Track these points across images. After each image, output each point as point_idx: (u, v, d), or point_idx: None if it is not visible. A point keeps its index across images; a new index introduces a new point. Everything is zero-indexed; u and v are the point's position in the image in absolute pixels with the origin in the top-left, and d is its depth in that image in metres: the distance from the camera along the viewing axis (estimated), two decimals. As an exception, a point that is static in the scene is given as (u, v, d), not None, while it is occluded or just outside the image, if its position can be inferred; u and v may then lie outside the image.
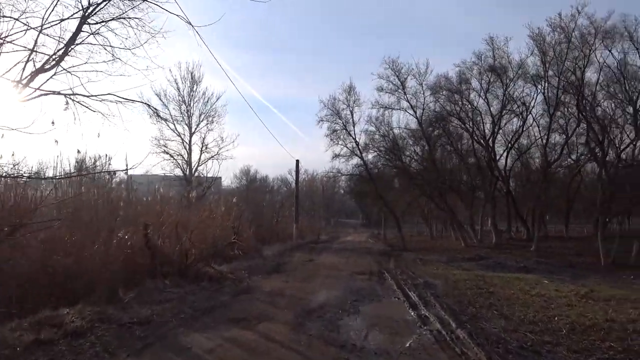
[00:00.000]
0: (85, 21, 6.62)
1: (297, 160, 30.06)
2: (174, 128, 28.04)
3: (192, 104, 28.86)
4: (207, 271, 10.87)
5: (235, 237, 13.85)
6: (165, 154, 27.85)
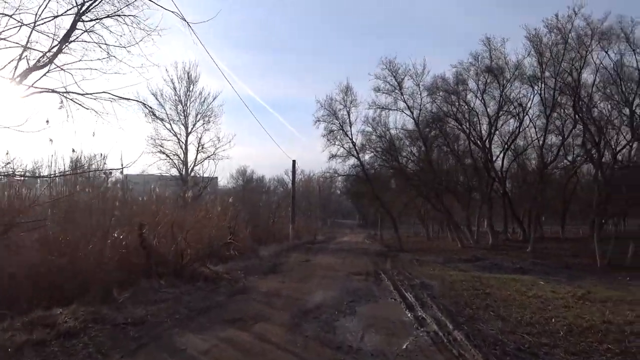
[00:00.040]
0: (80, 18, 6.56)
1: (294, 160, 30.05)
2: (170, 128, 27.99)
3: (189, 103, 28.82)
4: (203, 271, 10.80)
5: (232, 238, 13.81)
6: (162, 153, 27.79)
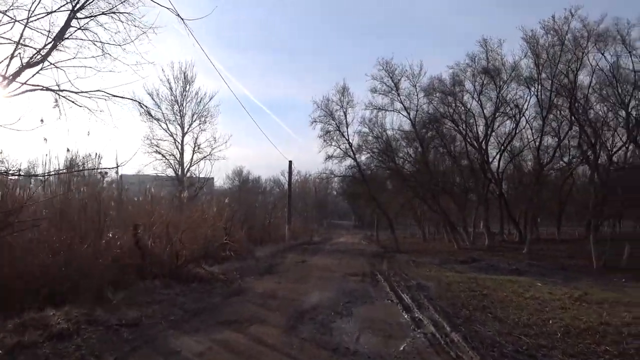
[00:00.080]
0: (74, 15, 6.47)
1: (290, 161, 30.11)
2: (166, 128, 27.86)
3: (185, 103, 28.69)
4: (198, 272, 10.73)
5: (227, 238, 13.72)
6: (158, 154, 27.66)
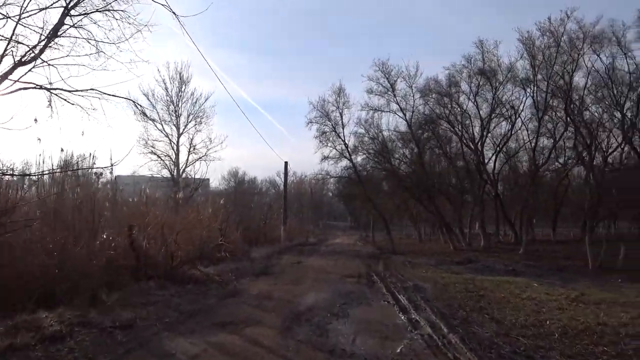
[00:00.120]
0: (69, 12, 6.39)
1: (286, 162, 30.04)
2: (162, 129, 27.81)
3: (180, 104, 28.68)
4: (194, 273, 10.66)
5: (223, 239, 13.67)
6: (153, 154, 27.57)
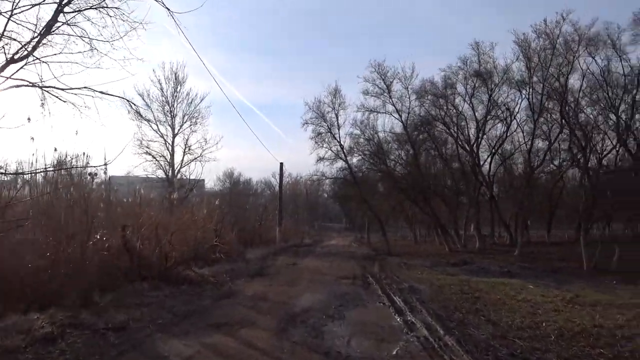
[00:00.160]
0: (62, 9, 6.31)
1: (281, 163, 30.02)
2: (157, 129, 27.55)
3: (176, 104, 28.38)
4: (188, 274, 10.59)
5: (217, 240, 13.59)
6: (148, 155, 27.30)
